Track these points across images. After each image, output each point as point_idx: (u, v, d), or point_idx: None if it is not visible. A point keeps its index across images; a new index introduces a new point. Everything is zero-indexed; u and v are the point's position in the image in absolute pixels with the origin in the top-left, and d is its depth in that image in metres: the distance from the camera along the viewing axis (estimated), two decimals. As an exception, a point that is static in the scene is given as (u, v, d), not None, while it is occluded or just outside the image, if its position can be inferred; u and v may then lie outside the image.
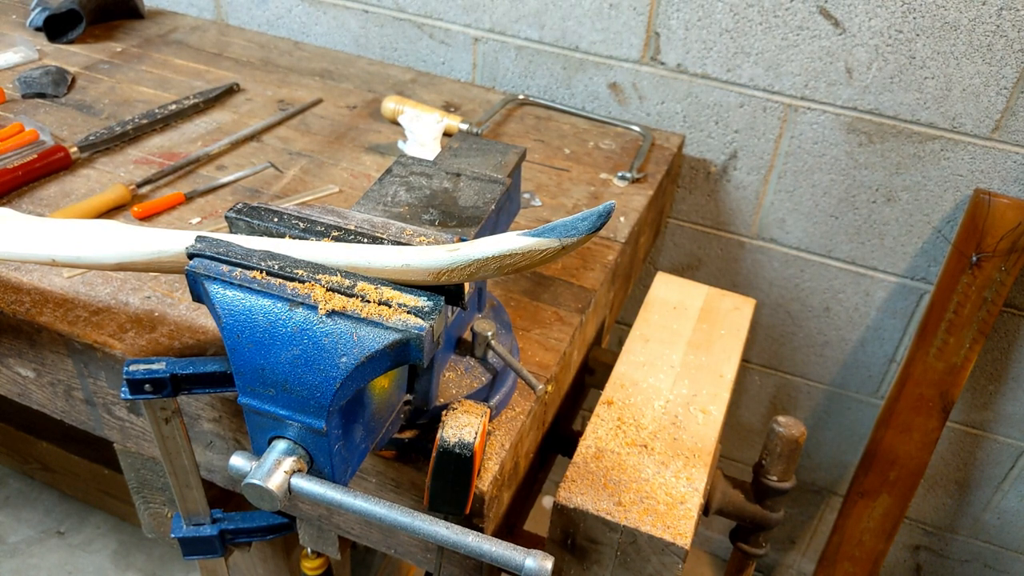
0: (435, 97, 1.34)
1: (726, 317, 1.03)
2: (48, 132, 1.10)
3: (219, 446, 0.82)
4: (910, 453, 1.39)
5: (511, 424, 0.76)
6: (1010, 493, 1.52)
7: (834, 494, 1.66)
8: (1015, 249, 1.19)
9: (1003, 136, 1.16)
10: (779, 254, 1.40)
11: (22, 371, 0.88)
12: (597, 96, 1.37)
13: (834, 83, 1.21)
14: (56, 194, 1.01)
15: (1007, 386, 1.39)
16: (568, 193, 1.13)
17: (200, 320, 0.83)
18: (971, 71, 1.13)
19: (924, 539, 1.66)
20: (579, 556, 0.80)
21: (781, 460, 0.92)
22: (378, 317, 0.55)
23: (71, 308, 0.82)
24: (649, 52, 1.29)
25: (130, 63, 1.36)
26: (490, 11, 1.36)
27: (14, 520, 1.85)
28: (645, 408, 0.88)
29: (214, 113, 1.23)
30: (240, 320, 0.56)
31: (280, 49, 1.47)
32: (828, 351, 1.48)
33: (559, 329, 0.88)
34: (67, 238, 0.68)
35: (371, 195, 0.71)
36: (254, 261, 0.58)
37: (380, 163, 1.15)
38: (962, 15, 1.09)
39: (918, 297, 1.35)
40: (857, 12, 1.14)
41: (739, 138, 1.31)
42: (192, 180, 1.07)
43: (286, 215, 0.63)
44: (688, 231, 1.45)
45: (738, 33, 1.22)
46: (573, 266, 0.98)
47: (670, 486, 0.78)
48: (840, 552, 1.52)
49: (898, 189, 1.26)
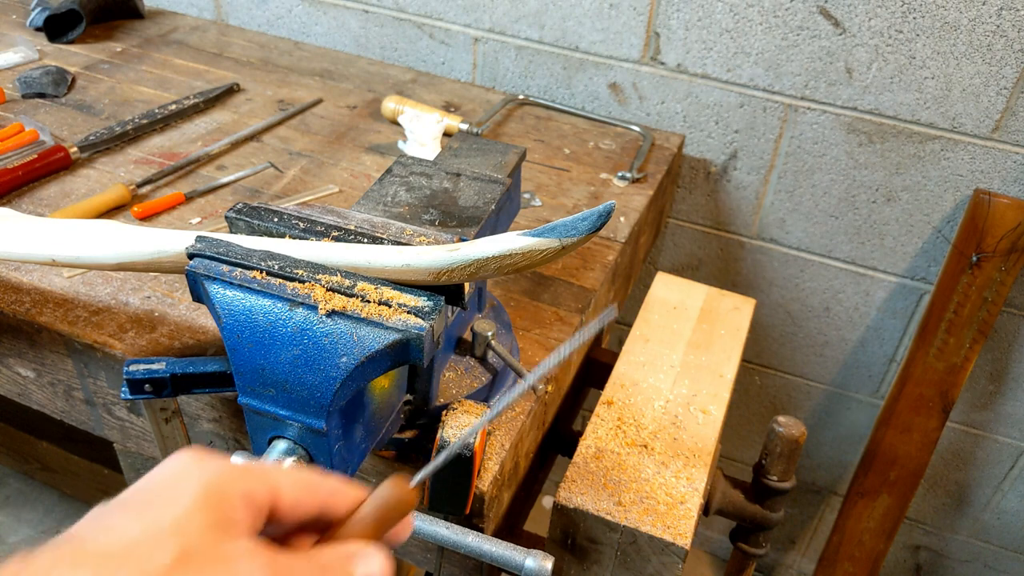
0: (435, 97, 1.34)
1: (726, 317, 1.03)
2: (48, 132, 1.10)
3: (219, 446, 0.82)
4: (910, 453, 1.39)
5: (511, 424, 0.76)
6: (1010, 493, 1.52)
7: (834, 494, 1.66)
8: (1015, 249, 1.19)
9: (1003, 136, 1.16)
10: (779, 254, 1.40)
11: (22, 371, 0.88)
12: (597, 96, 1.37)
13: (834, 83, 1.21)
14: (56, 194, 1.01)
15: (1007, 386, 1.39)
16: (568, 193, 1.13)
17: (200, 320, 0.83)
18: (971, 71, 1.13)
19: (924, 539, 1.66)
20: (579, 556, 0.80)
21: (781, 460, 0.92)
22: (378, 317, 0.55)
23: (71, 308, 0.82)
24: (649, 52, 1.29)
25: (130, 63, 1.36)
26: (490, 11, 1.36)
27: (14, 520, 1.85)
28: (645, 408, 0.88)
29: (214, 113, 1.23)
30: (240, 320, 0.56)
31: (280, 49, 1.47)
32: (828, 351, 1.48)
33: (559, 329, 0.88)
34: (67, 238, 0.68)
35: (371, 195, 0.71)
36: (254, 261, 0.58)
37: (380, 163, 1.15)
38: (962, 15, 1.09)
39: (918, 297, 1.35)
40: (857, 12, 1.14)
41: (739, 138, 1.31)
42: (192, 180, 1.07)
43: (286, 215, 0.63)
44: (688, 231, 1.45)
45: (738, 33, 1.22)
46: (573, 266, 0.98)
47: (670, 486, 0.78)
48: (840, 552, 1.52)
49: (898, 189, 1.26)
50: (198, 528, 0.35)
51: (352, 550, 0.39)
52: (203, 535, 0.35)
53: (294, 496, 0.39)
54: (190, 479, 0.36)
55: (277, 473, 0.39)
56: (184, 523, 0.35)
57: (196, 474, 0.37)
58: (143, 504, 0.36)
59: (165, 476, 0.37)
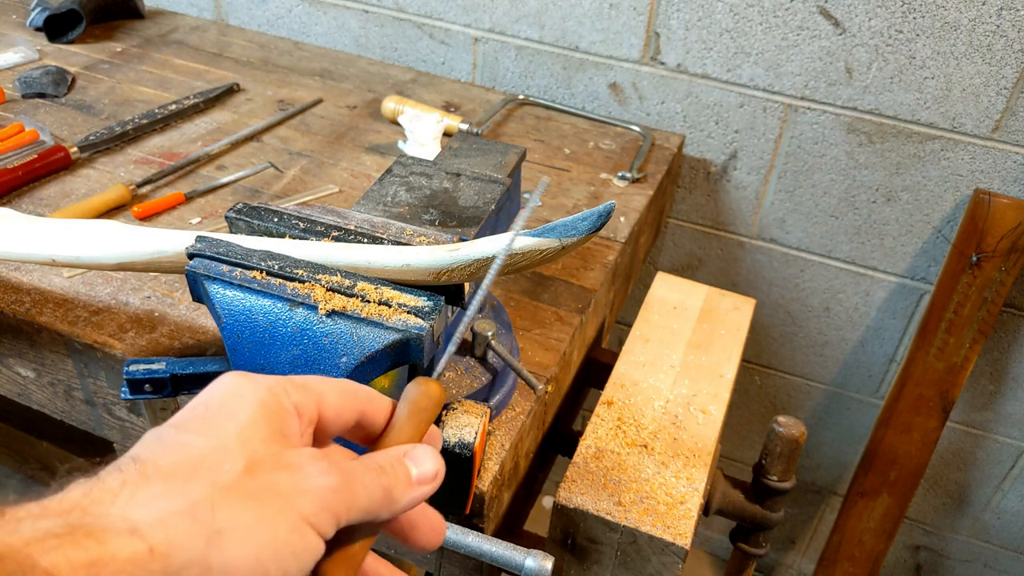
0: (435, 97, 1.34)
1: (726, 317, 1.03)
2: (48, 132, 1.10)
3: (219, 446, 0.82)
4: (910, 453, 1.39)
5: (511, 424, 0.76)
6: (1010, 493, 1.52)
7: (834, 494, 1.66)
8: (1015, 249, 1.19)
9: (1003, 136, 1.16)
10: (779, 254, 1.40)
11: (22, 371, 0.88)
12: (597, 96, 1.37)
13: (834, 83, 1.21)
14: (56, 194, 1.01)
15: (1007, 386, 1.39)
16: (568, 193, 1.13)
17: (200, 320, 0.83)
18: (971, 71, 1.13)
19: (924, 539, 1.67)
20: (579, 556, 0.80)
21: (781, 460, 0.92)
22: (378, 317, 0.55)
23: (71, 308, 0.82)
24: (649, 52, 1.29)
25: (130, 63, 1.36)
26: (490, 11, 1.36)
27: (14, 520, 1.84)
28: (645, 408, 0.88)
29: (214, 113, 1.23)
30: (240, 320, 0.56)
31: (280, 49, 1.47)
32: (828, 351, 1.48)
33: (559, 329, 0.88)
34: (67, 238, 0.68)
35: (371, 195, 0.71)
36: (254, 261, 0.58)
37: (380, 163, 1.15)
38: (962, 15, 1.09)
39: (918, 297, 1.35)
40: (857, 12, 1.14)
41: (739, 138, 1.31)
42: (192, 180, 1.07)
43: (286, 215, 0.63)
44: (688, 231, 1.45)
45: (738, 33, 1.22)
46: (573, 266, 0.98)
47: (670, 486, 0.78)
48: (840, 552, 1.52)
49: (898, 189, 1.26)
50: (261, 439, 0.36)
51: (403, 450, 0.40)
52: (266, 445, 0.36)
53: (336, 406, 0.40)
54: (245, 395, 0.37)
55: (320, 384, 0.40)
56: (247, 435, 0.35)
57: (250, 390, 0.37)
58: (202, 421, 0.36)
59: (219, 395, 0.38)
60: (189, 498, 0.32)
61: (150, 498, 0.32)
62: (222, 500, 0.33)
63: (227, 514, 0.32)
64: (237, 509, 0.33)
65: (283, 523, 0.33)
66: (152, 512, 0.31)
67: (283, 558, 0.33)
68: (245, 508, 0.33)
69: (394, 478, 0.39)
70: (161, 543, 0.30)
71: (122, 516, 0.31)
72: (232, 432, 0.35)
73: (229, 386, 0.38)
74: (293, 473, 0.35)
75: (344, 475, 0.37)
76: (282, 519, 0.33)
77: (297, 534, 0.34)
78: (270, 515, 0.33)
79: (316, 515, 0.35)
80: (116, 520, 0.31)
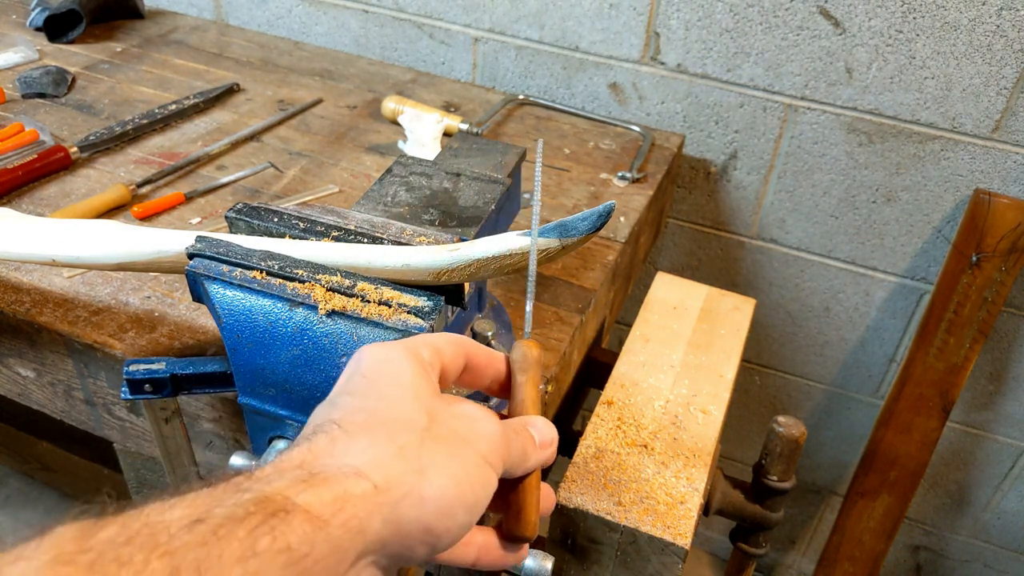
0: (435, 97, 1.34)
1: (726, 317, 1.03)
2: (48, 132, 1.10)
3: (219, 446, 0.82)
4: (910, 453, 1.39)
5: (511, 424, 0.76)
6: (1010, 493, 1.52)
7: (834, 494, 1.66)
8: (1015, 249, 1.19)
9: (1003, 136, 1.16)
10: (779, 254, 1.40)
11: (22, 371, 0.88)
12: (597, 96, 1.37)
13: (834, 83, 1.21)
14: (56, 194, 1.01)
15: (1007, 386, 1.39)
16: (568, 193, 1.13)
17: (200, 320, 0.83)
18: (971, 71, 1.13)
19: (924, 539, 1.67)
20: (579, 556, 0.80)
21: (781, 460, 0.92)
22: (378, 317, 0.55)
23: (71, 308, 0.82)
24: (649, 52, 1.29)
25: (130, 63, 1.36)
26: (490, 11, 1.36)
27: (14, 520, 1.84)
28: (645, 408, 0.88)
29: (214, 113, 1.23)
30: (240, 320, 0.56)
31: (280, 49, 1.47)
32: (828, 351, 1.48)
33: (559, 329, 0.88)
34: (67, 238, 0.68)
35: (371, 195, 0.71)
36: (254, 261, 0.58)
37: (380, 163, 1.15)
38: (962, 15, 1.09)
39: (918, 297, 1.35)
40: (857, 12, 1.14)
41: (739, 138, 1.31)
42: (192, 180, 1.07)
43: (286, 215, 0.63)
44: (688, 231, 1.45)
45: (738, 33, 1.22)
46: (573, 266, 0.98)
47: (670, 486, 0.78)
48: (840, 552, 1.52)
49: (898, 189, 1.26)
50: (428, 394, 0.42)
51: (526, 420, 0.47)
52: (435, 400, 0.42)
53: (452, 355, 0.46)
54: (396, 360, 0.43)
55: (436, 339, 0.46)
56: (418, 392, 0.42)
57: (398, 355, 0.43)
58: (372, 387, 0.42)
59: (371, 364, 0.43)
60: (396, 444, 0.39)
61: (361, 448, 0.38)
62: (421, 444, 0.39)
63: (428, 454, 0.39)
64: (433, 450, 0.39)
65: (470, 459, 0.40)
66: (368, 458, 0.38)
67: (475, 488, 0.40)
68: (438, 449, 0.39)
69: (526, 439, 0.46)
70: (382, 480, 0.37)
71: (344, 463, 0.37)
72: (406, 392, 0.41)
73: (377, 355, 0.43)
74: (468, 421, 0.42)
75: (503, 425, 0.44)
76: (469, 456, 0.40)
77: (481, 469, 0.41)
78: (459, 454, 0.40)
79: (491, 454, 0.42)
80: (342, 467, 0.37)
